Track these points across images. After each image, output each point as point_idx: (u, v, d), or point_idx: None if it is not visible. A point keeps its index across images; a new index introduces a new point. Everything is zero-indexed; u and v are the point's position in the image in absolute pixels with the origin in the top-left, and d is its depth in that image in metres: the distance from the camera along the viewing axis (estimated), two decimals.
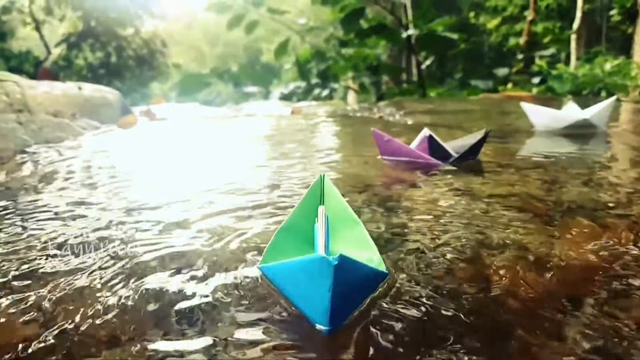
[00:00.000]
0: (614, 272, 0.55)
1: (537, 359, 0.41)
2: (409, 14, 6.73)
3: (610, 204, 0.83)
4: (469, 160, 1.21)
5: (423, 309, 0.48)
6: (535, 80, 6.15)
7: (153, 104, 3.79)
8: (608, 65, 4.96)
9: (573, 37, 6.54)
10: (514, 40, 7.39)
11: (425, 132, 1.23)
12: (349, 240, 0.57)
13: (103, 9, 9.22)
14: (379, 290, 0.51)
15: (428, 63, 7.30)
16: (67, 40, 9.37)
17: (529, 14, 6.91)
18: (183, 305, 0.50)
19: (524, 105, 1.92)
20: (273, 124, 2.59)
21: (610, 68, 4.91)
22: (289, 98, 7.10)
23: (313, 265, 0.41)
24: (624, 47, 6.22)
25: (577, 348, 0.41)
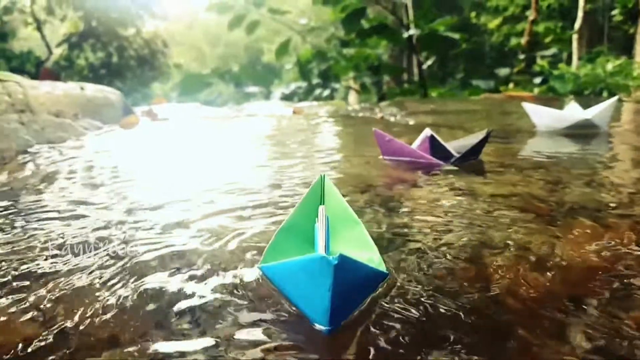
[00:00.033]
0: (616, 272, 0.55)
1: (538, 359, 0.40)
2: (410, 14, 6.72)
3: (613, 205, 0.83)
4: (471, 161, 1.21)
5: (424, 309, 0.48)
6: (537, 80, 6.14)
7: (154, 104, 3.79)
8: (610, 65, 4.95)
9: (575, 37, 6.52)
10: (516, 40, 7.38)
11: (427, 132, 1.23)
12: (349, 240, 0.57)
13: (104, 9, 9.24)
14: (380, 290, 0.51)
15: (429, 63, 7.29)
16: (68, 41, 9.39)
17: (531, 14, 6.90)
18: (183, 305, 0.49)
19: (526, 106, 1.92)
20: (274, 124, 2.58)
21: (612, 68, 4.90)
22: (290, 98, 7.10)
23: (313, 265, 0.41)
24: (626, 47, 6.22)
25: (578, 348, 0.41)
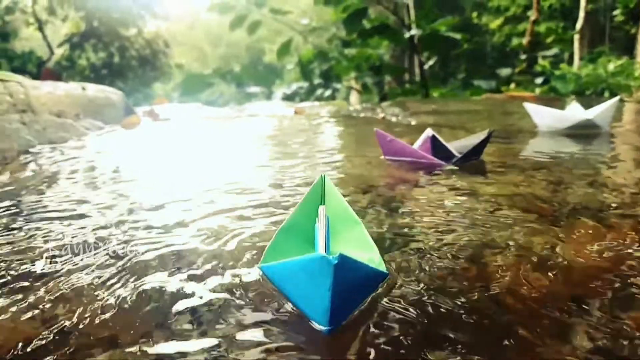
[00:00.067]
0: (618, 272, 0.55)
1: (539, 359, 0.40)
2: (412, 14, 6.72)
3: (615, 205, 0.82)
4: (472, 161, 1.20)
5: (425, 309, 0.47)
6: (538, 81, 6.13)
7: (156, 105, 3.79)
8: (611, 66, 4.94)
9: (576, 37, 6.51)
10: (517, 41, 7.37)
11: (428, 132, 1.23)
12: (350, 241, 0.57)
13: (106, 9, 9.25)
14: (381, 290, 0.50)
15: (431, 63, 7.28)
16: (69, 41, 9.40)
17: (532, 14, 6.89)
18: (183, 305, 0.49)
19: (527, 106, 1.91)
20: (276, 125, 2.58)
21: (614, 68, 4.89)
22: (292, 98, 7.10)
23: (313, 265, 0.41)
24: (628, 47, 6.20)
25: (579, 348, 0.41)
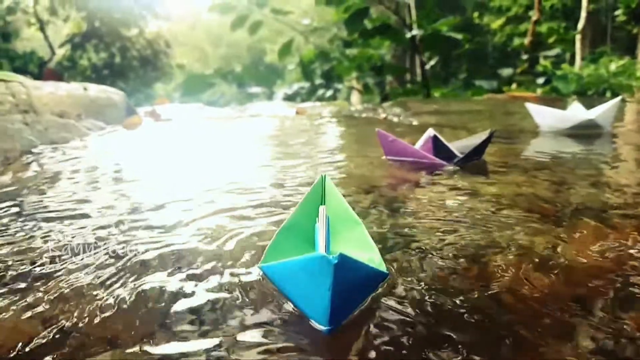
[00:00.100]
0: (621, 272, 0.55)
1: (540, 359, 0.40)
2: (413, 14, 6.71)
3: (617, 205, 0.82)
4: (474, 161, 1.20)
5: (426, 309, 0.47)
6: (540, 81, 6.12)
7: (157, 105, 3.79)
8: (613, 66, 4.93)
9: (578, 37, 6.50)
10: (519, 41, 7.35)
11: (430, 132, 1.23)
12: (350, 241, 0.56)
13: (107, 10, 9.25)
14: (381, 290, 0.50)
15: (432, 63, 7.27)
16: (71, 41, 9.41)
17: (534, 14, 6.88)
18: (183, 305, 0.49)
19: (529, 106, 1.91)
20: (277, 125, 2.58)
21: (615, 68, 4.88)
22: (293, 98, 7.09)
23: (313, 264, 0.41)
24: (629, 47, 6.19)
25: (581, 349, 0.41)
